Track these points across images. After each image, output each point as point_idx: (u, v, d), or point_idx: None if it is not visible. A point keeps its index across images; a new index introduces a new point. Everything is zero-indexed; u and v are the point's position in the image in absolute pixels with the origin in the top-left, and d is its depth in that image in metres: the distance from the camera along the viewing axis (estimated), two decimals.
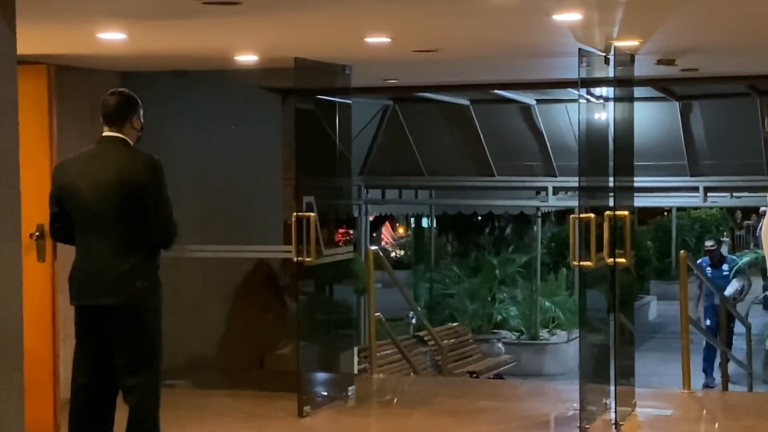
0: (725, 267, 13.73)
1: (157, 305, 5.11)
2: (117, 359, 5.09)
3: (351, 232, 8.48)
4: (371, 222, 18.15)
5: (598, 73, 6.82)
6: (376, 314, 8.90)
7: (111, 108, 5.14)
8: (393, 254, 25.07)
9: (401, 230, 26.92)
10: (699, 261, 13.69)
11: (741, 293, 13.73)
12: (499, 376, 13.25)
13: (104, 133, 5.16)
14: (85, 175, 5.08)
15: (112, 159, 5.07)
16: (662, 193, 15.36)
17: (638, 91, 9.76)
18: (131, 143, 5.15)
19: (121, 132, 5.12)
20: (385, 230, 26.69)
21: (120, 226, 5.01)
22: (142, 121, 5.21)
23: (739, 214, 28.71)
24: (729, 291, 13.16)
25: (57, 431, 6.50)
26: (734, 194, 15.35)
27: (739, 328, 12.76)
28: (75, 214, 5.12)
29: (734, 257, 14.88)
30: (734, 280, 13.55)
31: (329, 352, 8.38)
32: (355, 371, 9.25)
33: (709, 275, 12.89)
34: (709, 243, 14.22)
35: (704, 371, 13.23)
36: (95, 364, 5.14)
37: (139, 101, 5.22)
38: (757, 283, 18.86)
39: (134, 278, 4.99)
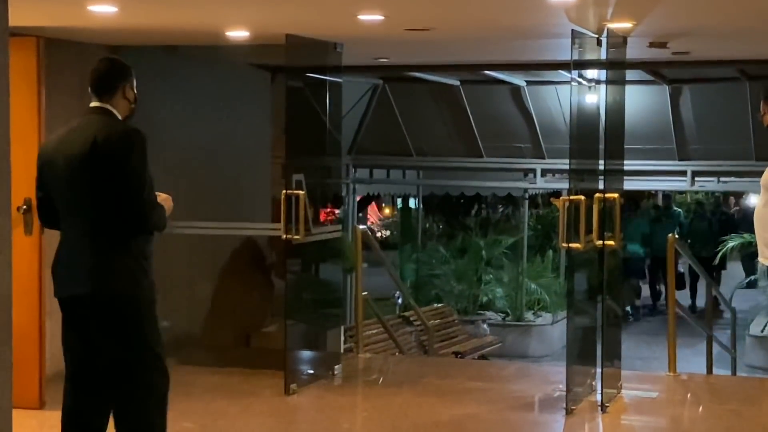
0: None
1: (137, 296, 4.54)
2: (97, 361, 4.59)
3: (336, 211, 8.43)
4: (358, 202, 18.11)
5: (590, 55, 6.81)
6: (363, 294, 8.90)
7: (99, 76, 4.63)
8: (379, 234, 25.03)
9: (387, 211, 26.83)
10: None
11: None
12: (483, 357, 13.27)
13: (90, 104, 4.65)
14: (62, 151, 4.56)
15: (91, 131, 4.48)
16: (650, 176, 15.34)
17: (629, 75, 9.74)
18: (118, 115, 4.61)
19: (110, 103, 4.59)
20: (371, 210, 26.60)
21: (94, 205, 4.48)
22: (135, 91, 4.69)
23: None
24: None
25: (42, 406, 6.50)
26: (721, 179, 15.35)
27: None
28: (54, 194, 4.62)
29: None
30: None
31: (316, 331, 8.38)
32: (342, 350, 9.26)
33: None
34: None
35: None
36: (79, 365, 4.66)
37: (131, 70, 4.71)
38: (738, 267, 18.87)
39: (105, 264, 4.47)
